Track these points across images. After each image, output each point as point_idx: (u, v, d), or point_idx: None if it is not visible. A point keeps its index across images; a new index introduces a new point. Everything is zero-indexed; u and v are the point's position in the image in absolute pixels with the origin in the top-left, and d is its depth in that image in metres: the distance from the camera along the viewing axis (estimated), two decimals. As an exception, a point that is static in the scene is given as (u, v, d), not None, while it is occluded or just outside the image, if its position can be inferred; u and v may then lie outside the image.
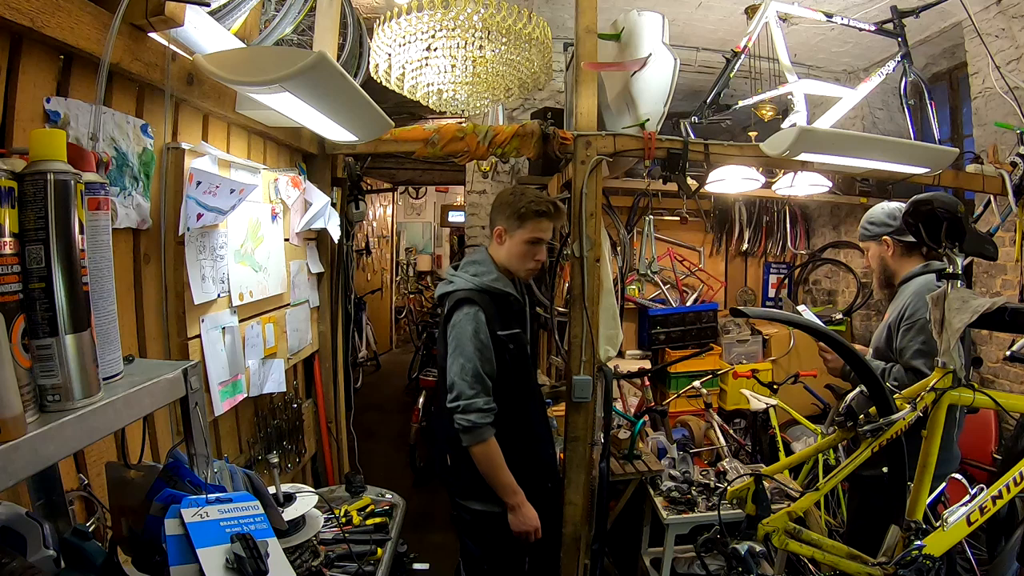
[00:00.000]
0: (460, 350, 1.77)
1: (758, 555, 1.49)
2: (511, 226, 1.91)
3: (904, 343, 1.95)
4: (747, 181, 3.52)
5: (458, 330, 1.80)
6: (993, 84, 3.08)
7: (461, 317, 1.81)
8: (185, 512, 0.86)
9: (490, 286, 1.87)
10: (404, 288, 9.18)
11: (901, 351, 1.96)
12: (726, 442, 3.32)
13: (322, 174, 2.58)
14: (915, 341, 1.91)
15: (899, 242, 2.13)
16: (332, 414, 2.72)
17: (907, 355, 1.93)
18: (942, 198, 1.63)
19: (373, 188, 7.27)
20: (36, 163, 0.70)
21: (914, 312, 1.94)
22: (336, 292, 2.76)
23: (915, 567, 1.45)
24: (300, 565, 1.43)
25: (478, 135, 2.52)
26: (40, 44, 1.11)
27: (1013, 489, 1.54)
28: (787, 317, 1.87)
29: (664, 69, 2.33)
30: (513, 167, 4.57)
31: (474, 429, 1.75)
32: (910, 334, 1.93)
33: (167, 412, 1.45)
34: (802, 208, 5.05)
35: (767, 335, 4.53)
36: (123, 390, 0.81)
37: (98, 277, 0.80)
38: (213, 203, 1.57)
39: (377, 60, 1.97)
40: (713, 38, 4.02)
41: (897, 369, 1.94)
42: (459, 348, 1.78)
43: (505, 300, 1.89)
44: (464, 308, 1.81)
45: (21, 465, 0.64)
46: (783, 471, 2.31)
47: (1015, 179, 2.77)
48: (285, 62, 1.29)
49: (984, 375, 3.27)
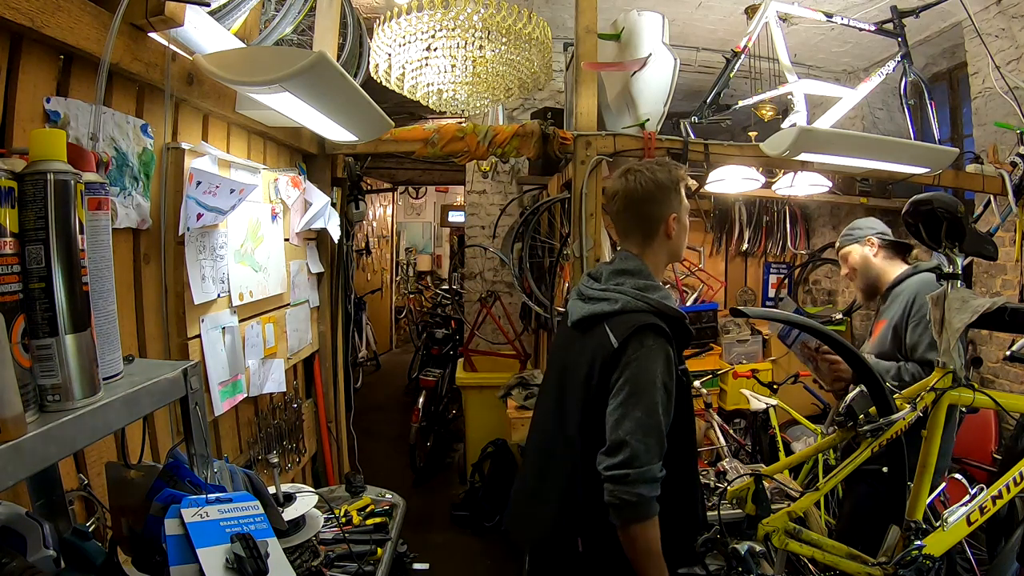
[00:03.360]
0: (639, 398, 1.28)
1: (758, 555, 1.48)
2: (677, 203, 1.45)
3: (915, 339, 1.94)
4: (747, 181, 3.52)
5: (638, 369, 1.29)
6: (993, 84, 3.08)
7: (644, 352, 1.30)
8: (185, 512, 0.86)
9: (666, 306, 1.37)
10: (404, 288, 9.18)
11: (913, 347, 1.95)
12: (726, 442, 3.31)
13: (322, 174, 2.58)
14: (927, 335, 1.88)
15: (883, 243, 2.13)
16: (332, 414, 2.72)
17: (920, 350, 1.92)
18: (942, 198, 1.63)
19: (373, 188, 7.27)
20: (36, 163, 0.70)
21: (921, 307, 1.92)
22: (336, 292, 2.76)
23: (915, 567, 1.45)
24: (300, 565, 1.43)
25: (478, 135, 2.52)
26: (40, 44, 1.11)
27: (1013, 489, 1.54)
28: (787, 317, 1.86)
29: (664, 69, 2.33)
30: (513, 167, 4.57)
31: (641, 504, 1.25)
32: (919, 329, 1.92)
33: (167, 412, 1.45)
34: (802, 208, 5.06)
35: (767, 335, 4.52)
36: (123, 390, 0.81)
37: (98, 277, 0.80)
38: (213, 203, 1.57)
39: (377, 60, 1.97)
40: (713, 38, 4.03)
41: (913, 366, 1.92)
42: (638, 395, 1.28)
43: (681, 325, 1.40)
44: (649, 339, 1.31)
45: (21, 465, 0.64)
46: (783, 471, 2.30)
47: (1015, 179, 2.77)
48: (285, 62, 1.29)
49: (984, 375, 3.27)
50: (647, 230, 1.46)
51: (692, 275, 4.98)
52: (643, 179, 1.44)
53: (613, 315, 1.36)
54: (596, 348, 1.35)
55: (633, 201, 1.45)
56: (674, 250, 1.50)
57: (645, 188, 1.43)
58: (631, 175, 1.45)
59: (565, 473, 1.41)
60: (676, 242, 1.48)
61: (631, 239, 1.49)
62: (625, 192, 1.45)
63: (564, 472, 1.41)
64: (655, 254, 1.47)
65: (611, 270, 1.46)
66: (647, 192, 1.43)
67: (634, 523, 1.26)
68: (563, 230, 3.43)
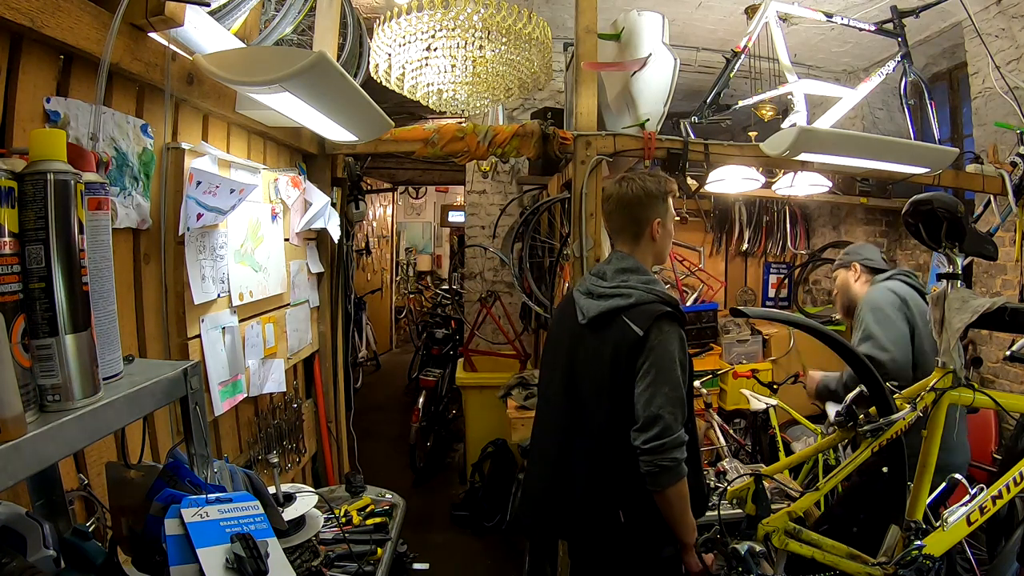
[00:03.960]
0: (664, 376, 1.47)
1: (758, 555, 1.49)
2: (663, 211, 1.66)
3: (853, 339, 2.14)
4: (747, 181, 3.51)
5: (660, 352, 1.48)
6: (993, 84, 3.08)
7: (663, 337, 1.49)
8: (185, 512, 0.86)
9: (670, 297, 1.57)
10: (404, 288, 9.18)
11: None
12: (726, 442, 3.31)
13: (322, 174, 2.58)
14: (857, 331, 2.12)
15: (865, 268, 2.33)
16: (332, 414, 2.72)
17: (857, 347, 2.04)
18: (942, 198, 1.63)
19: (373, 188, 7.27)
20: (36, 163, 0.70)
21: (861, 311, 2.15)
22: (336, 292, 2.76)
23: (915, 567, 1.45)
24: (300, 565, 1.43)
25: (478, 135, 2.52)
26: (40, 44, 1.11)
27: (1013, 489, 1.54)
28: (787, 317, 1.87)
29: (664, 69, 2.33)
30: (513, 167, 4.57)
31: (676, 467, 1.44)
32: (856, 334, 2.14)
33: (167, 412, 1.45)
34: (802, 208, 5.05)
35: (767, 335, 4.52)
36: (123, 390, 0.81)
37: (98, 277, 0.80)
38: (213, 203, 1.57)
39: (377, 60, 1.97)
40: (713, 38, 4.02)
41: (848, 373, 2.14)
42: (662, 374, 1.47)
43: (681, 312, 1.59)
44: (666, 326, 1.50)
45: (21, 465, 0.64)
46: (783, 471, 2.30)
47: (1015, 179, 2.77)
48: (285, 62, 1.29)
49: (984, 375, 3.27)
50: (634, 231, 1.66)
51: (692, 275, 4.97)
52: (635, 186, 1.64)
53: (629, 308, 1.53)
54: (618, 339, 1.51)
55: (623, 204, 1.65)
56: (659, 252, 1.70)
57: (635, 193, 1.64)
58: (624, 182, 1.66)
59: (589, 460, 1.57)
60: (660, 245, 1.68)
61: (622, 238, 1.69)
62: (618, 195, 1.66)
63: (588, 459, 1.56)
64: (643, 254, 1.66)
65: (615, 268, 1.63)
66: (636, 197, 1.63)
67: (671, 485, 1.45)
68: (563, 230, 3.43)
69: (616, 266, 1.63)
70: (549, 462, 1.67)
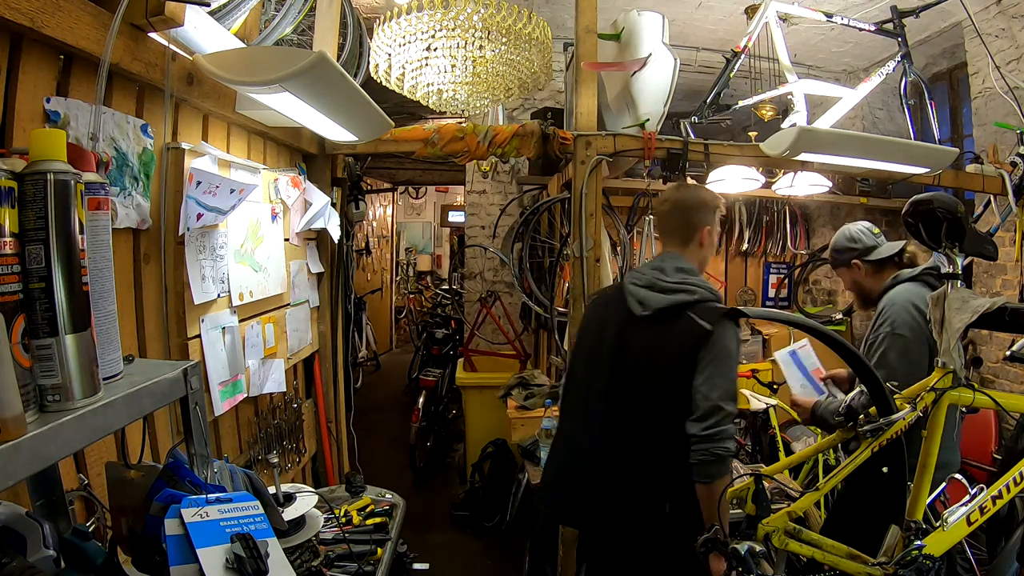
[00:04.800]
0: (724, 370, 1.55)
1: (758, 555, 1.48)
2: (712, 221, 1.77)
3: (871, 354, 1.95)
4: (747, 181, 3.52)
5: (722, 347, 1.56)
6: (993, 84, 3.08)
7: (727, 333, 1.58)
8: (185, 512, 0.86)
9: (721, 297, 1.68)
10: (404, 288, 9.18)
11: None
12: (726, 442, 3.31)
13: (322, 174, 2.58)
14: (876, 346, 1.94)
15: (868, 263, 2.14)
16: (332, 414, 2.72)
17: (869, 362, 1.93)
18: (942, 198, 1.63)
19: (373, 188, 7.27)
20: (36, 163, 0.70)
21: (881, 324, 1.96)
22: (336, 292, 2.76)
23: (915, 567, 1.45)
24: (300, 565, 1.43)
25: (478, 135, 2.52)
26: (40, 44, 1.11)
27: (1013, 489, 1.54)
28: (787, 317, 1.86)
29: (664, 69, 2.33)
30: (513, 167, 4.58)
31: (727, 458, 1.51)
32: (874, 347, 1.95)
33: (167, 412, 1.45)
34: (802, 208, 5.05)
35: (767, 335, 4.53)
36: (123, 390, 0.81)
37: (98, 277, 0.80)
38: (213, 203, 1.57)
39: (377, 60, 1.97)
40: (713, 38, 4.02)
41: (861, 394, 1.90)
42: (722, 367, 1.55)
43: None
44: (728, 323, 1.58)
45: (21, 465, 0.64)
46: (783, 471, 2.30)
47: (1015, 179, 2.77)
48: (285, 62, 1.29)
49: (984, 375, 3.27)
50: (685, 235, 1.75)
51: (692, 275, 4.97)
52: (691, 192, 1.80)
53: (695, 304, 1.60)
54: (685, 332, 1.57)
55: (680, 207, 1.76)
56: (703, 259, 1.78)
57: (692, 198, 1.77)
58: (683, 188, 1.83)
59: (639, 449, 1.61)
60: (705, 252, 1.77)
61: (672, 241, 1.78)
62: (675, 198, 1.79)
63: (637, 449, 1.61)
64: (691, 258, 1.74)
65: (675, 267, 1.70)
66: (693, 202, 1.76)
67: (720, 476, 1.50)
68: (563, 230, 3.43)
69: (676, 264, 1.70)
70: (582, 451, 1.71)
